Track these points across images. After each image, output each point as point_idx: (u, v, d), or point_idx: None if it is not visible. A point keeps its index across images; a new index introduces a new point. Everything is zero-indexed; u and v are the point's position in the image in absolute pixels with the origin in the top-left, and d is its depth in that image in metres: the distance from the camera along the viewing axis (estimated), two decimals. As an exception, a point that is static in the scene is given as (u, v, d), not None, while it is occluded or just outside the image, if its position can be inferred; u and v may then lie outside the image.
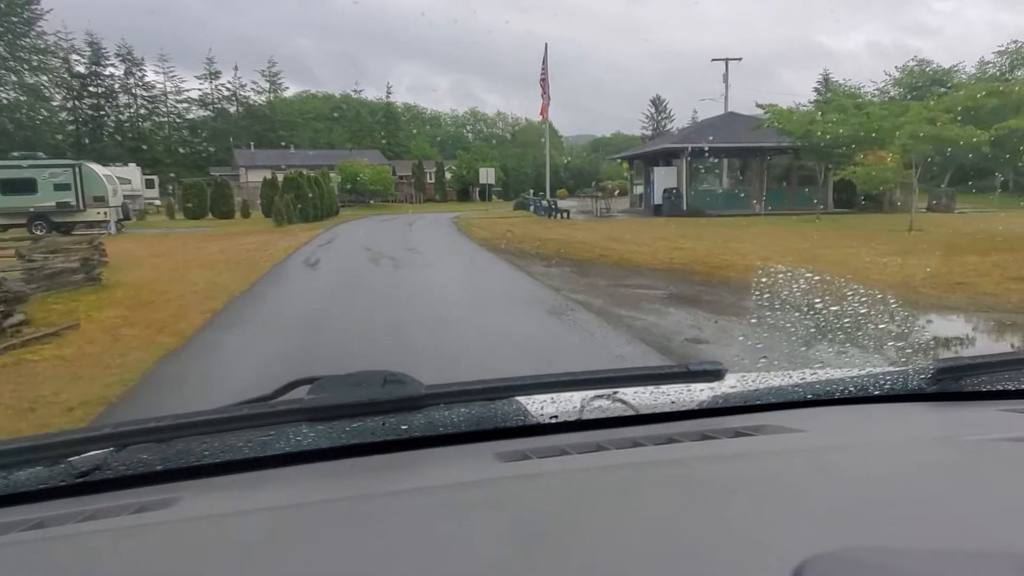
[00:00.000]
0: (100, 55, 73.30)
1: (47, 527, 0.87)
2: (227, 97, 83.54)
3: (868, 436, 1.17)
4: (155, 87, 78.24)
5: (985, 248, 13.08)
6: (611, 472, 0.97)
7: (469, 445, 1.12)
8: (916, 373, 1.31)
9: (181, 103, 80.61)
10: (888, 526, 0.73)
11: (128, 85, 76.48)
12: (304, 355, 6.90)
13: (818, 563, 0.49)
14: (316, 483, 1.01)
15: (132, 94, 76.96)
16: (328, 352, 7.00)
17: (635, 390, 1.27)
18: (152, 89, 78.14)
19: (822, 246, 15.33)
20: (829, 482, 0.90)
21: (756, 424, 1.16)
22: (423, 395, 1.08)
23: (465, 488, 0.92)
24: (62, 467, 1.01)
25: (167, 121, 79.77)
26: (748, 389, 1.31)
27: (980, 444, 1.03)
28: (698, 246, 16.46)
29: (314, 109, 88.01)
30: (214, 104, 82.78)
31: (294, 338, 7.94)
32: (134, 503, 0.93)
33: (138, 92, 77.17)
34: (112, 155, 60.76)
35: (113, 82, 75.18)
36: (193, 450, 1.05)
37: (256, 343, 7.88)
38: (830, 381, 1.34)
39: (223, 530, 0.84)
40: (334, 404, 1.07)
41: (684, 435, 1.11)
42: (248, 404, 1.10)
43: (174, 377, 6.33)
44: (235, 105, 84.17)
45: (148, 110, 78.49)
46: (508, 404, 1.17)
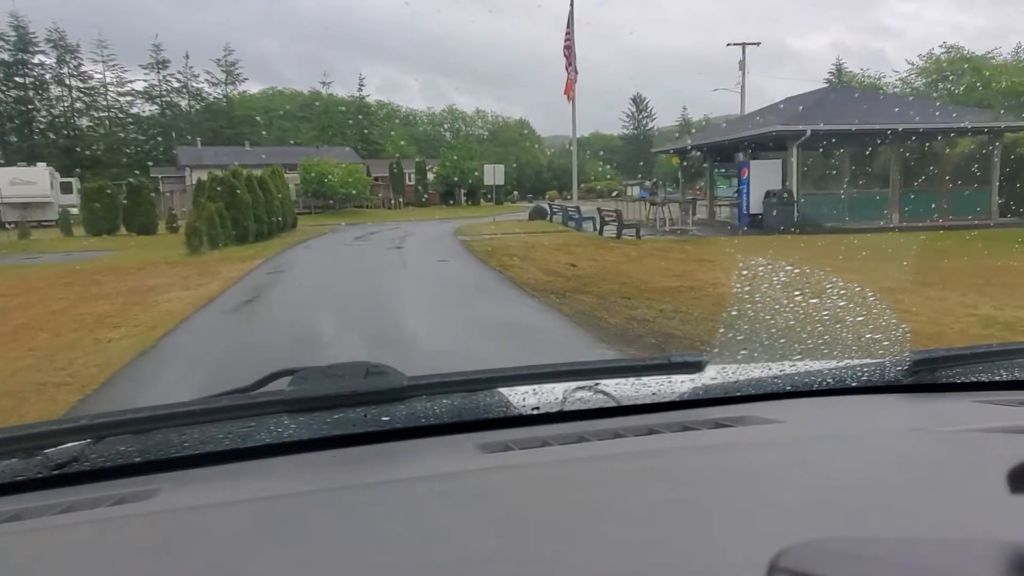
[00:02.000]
0: (28, 41, 61.99)
1: (23, 519, 0.85)
2: (177, 89, 72.64)
3: (845, 427, 1.17)
4: (93, 77, 67.20)
5: None
6: (592, 463, 0.96)
7: (451, 436, 1.10)
8: (892, 365, 1.32)
9: (124, 96, 69.70)
10: (864, 516, 0.74)
11: (61, 75, 65.29)
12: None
13: (795, 552, 0.49)
14: (297, 474, 0.99)
15: (66, 85, 65.78)
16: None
17: (616, 382, 1.26)
18: (89, 80, 67.17)
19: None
20: (807, 473, 0.91)
21: (736, 415, 1.15)
22: (405, 386, 1.08)
23: (447, 479, 0.91)
24: (38, 459, 0.98)
25: (107, 116, 68.67)
26: (728, 381, 1.31)
27: (955, 435, 1.04)
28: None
29: (280, 106, 78.29)
30: (162, 97, 71.82)
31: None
32: (112, 495, 0.91)
33: (73, 83, 66.01)
34: (42, 155, 51.09)
35: (44, 71, 64.06)
36: (172, 441, 1.03)
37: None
38: (809, 373, 1.35)
39: (203, 522, 0.83)
40: (315, 395, 1.05)
41: (665, 426, 1.11)
42: (228, 395, 1.09)
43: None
44: (187, 98, 73.23)
45: (86, 104, 67.51)
46: (490, 395, 1.17)
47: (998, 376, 1.30)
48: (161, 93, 71.65)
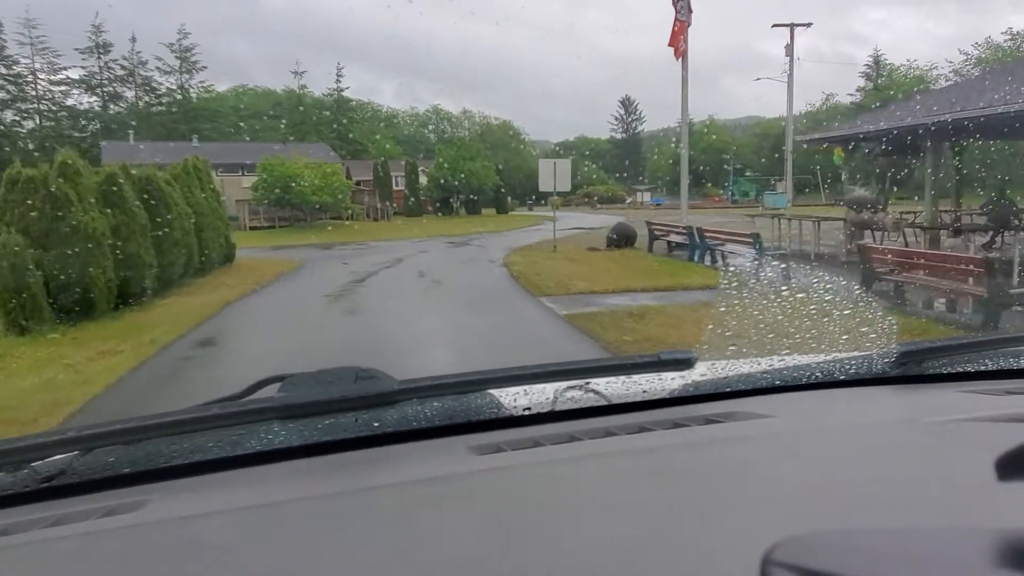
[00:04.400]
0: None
1: (11, 534, 0.83)
2: (121, 78, 60.34)
3: (834, 420, 1.17)
4: (19, 63, 54.86)
5: None
6: (585, 462, 0.95)
7: (443, 439, 1.08)
8: (880, 357, 1.31)
9: (57, 85, 57.34)
10: (855, 507, 0.73)
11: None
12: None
13: (788, 546, 0.49)
14: (289, 481, 0.97)
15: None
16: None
17: (607, 380, 1.24)
18: (15, 66, 54.79)
19: None
20: (798, 466, 0.90)
21: (726, 411, 1.15)
22: (395, 390, 1.06)
23: (440, 482, 0.90)
24: (25, 472, 0.97)
25: (36, 108, 56.38)
26: (718, 377, 1.29)
27: (943, 425, 1.03)
28: None
29: (251, 106, 66.62)
30: (103, 87, 59.52)
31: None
32: (102, 507, 0.88)
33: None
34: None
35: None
36: (162, 451, 1.01)
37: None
38: (797, 367, 1.33)
39: (195, 531, 0.81)
40: (305, 401, 1.03)
41: (656, 424, 1.09)
42: (217, 403, 1.07)
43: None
44: (133, 88, 60.99)
45: (11, 94, 55.05)
46: (481, 397, 1.15)
47: (984, 366, 1.31)
48: (102, 82, 59.40)
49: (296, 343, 8.37)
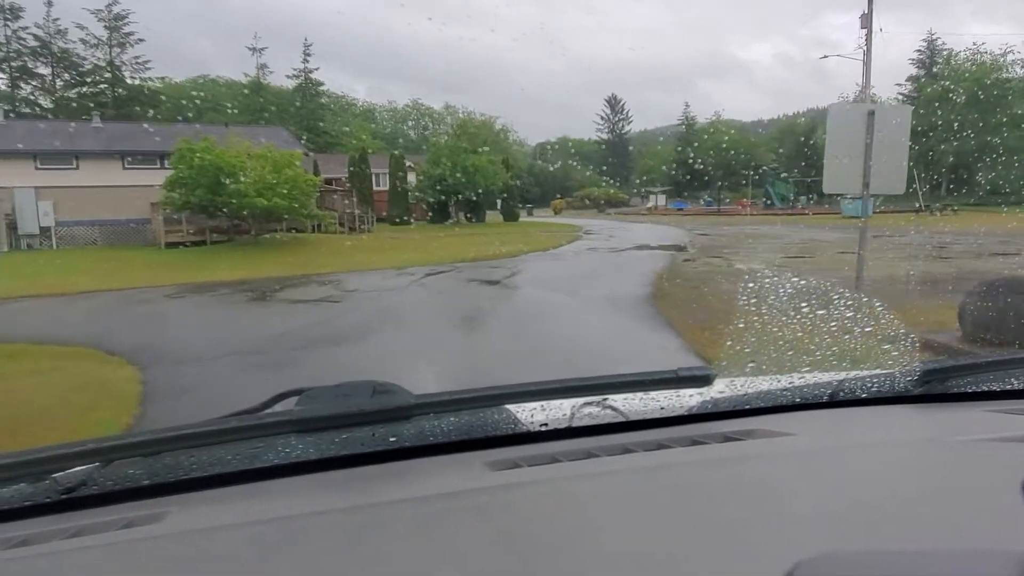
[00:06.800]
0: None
1: (32, 544, 0.83)
2: (34, 50, 47.81)
3: (856, 439, 1.14)
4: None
5: None
6: (602, 479, 0.94)
7: (459, 454, 1.07)
8: (903, 376, 1.28)
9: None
10: (877, 528, 0.72)
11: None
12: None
13: (808, 566, 0.49)
14: (306, 495, 0.96)
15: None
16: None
17: (624, 397, 1.22)
18: None
19: None
20: (818, 485, 0.89)
21: (745, 429, 1.12)
22: (412, 404, 1.04)
23: (456, 497, 0.89)
24: (46, 483, 0.96)
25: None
26: (737, 394, 1.27)
27: (967, 445, 1.01)
28: None
29: (214, 97, 55.27)
30: (9, 60, 46.99)
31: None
32: (121, 519, 0.88)
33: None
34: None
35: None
36: (181, 464, 1.01)
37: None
38: (818, 385, 1.31)
39: (213, 544, 0.80)
40: (323, 415, 1.02)
41: (674, 441, 1.08)
42: (236, 416, 1.05)
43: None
44: (48, 64, 48.47)
45: None
46: (498, 412, 1.14)
47: (1009, 385, 1.27)
48: (8, 55, 46.97)
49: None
